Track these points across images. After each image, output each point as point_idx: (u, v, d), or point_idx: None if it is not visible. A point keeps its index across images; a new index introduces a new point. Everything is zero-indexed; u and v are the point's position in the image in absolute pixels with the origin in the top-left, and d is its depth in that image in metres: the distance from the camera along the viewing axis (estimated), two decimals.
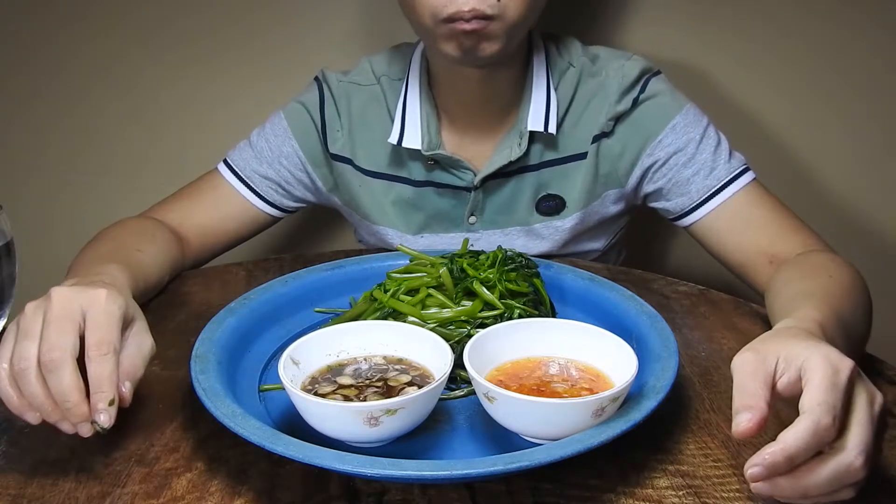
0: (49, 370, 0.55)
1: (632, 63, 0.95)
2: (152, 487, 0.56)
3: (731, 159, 0.92)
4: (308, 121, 1.00)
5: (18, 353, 0.56)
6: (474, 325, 0.70)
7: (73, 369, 0.56)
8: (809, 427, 0.48)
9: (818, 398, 0.50)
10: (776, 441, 0.49)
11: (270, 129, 1.00)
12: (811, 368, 0.51)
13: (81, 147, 1.33)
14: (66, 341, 0.56)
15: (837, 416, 0.49)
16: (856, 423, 0.50)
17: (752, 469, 0.49)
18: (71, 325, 0.57)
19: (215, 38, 1.27)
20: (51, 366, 0.55)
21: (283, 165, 1.00)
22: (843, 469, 0.49)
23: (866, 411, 0.51)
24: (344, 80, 1.00)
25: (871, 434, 0.50)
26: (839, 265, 0.80)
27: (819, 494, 0.50)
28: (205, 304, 0.84)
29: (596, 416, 0.55)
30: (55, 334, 0.57)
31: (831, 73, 1.23)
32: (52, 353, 0.56)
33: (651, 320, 0.71)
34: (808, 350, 0.53)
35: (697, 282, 0.91)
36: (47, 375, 0.56)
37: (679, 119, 0.93)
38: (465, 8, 0.80)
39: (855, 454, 0.49)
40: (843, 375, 0.51)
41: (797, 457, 0.49)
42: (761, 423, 0.50)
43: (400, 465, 0.51)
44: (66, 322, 0.57)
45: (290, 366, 0.62)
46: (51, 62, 1.28)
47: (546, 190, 0.98)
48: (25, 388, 0.56)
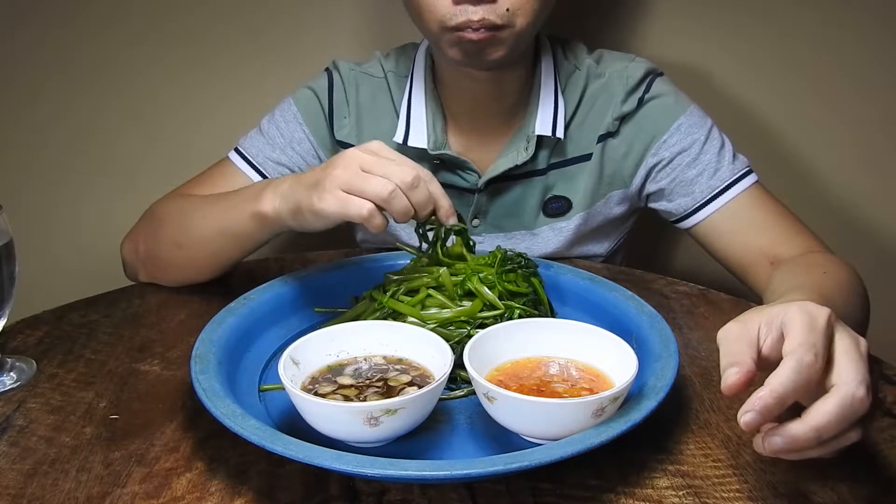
0: (413, 187, 0.69)
1: (636, 64, 0.96)
2: (152, 487, 0.56)
3: (734, 161, 0.93)
4: (316, 105, 0.99)
5: (378, 188, 0.68)
6: (474, 326, 0.70)
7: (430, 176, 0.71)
8: (792, 366, 0.49)
9: (798, 340, 0.50)
10: (763, 386, 0.49)
11: (280, 115, 1.00)
12: (789, 321, 0.52)
13: (81, 147, 1.33)
14: (408, 160, 0.71)
15: (819, 353, 0.50)
16: (846, 358, 0.51)
17: (746, 416, 0.49)
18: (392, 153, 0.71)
19: (215, 38, 1.27)
20: (415, 182, 0.69)
21: (294, 151, 0.99)
22: (847, 402, 0.48)
23: (853, 348, 0.51)
24: (355, 69, 1.00)
25: (864, 367, 0.50)
26: (835, 264, 0.80)
27: (831, 436, 0.49)
28: (205, 304, 0.84)
29: (596, 416, 0.55)
30: (403, 163, 0.70)
31: (835, 76, 1.23)
32: (413, 172, 0.69)
33: (651, 320, 0.71)
34: (786, 308, 0.53)
35: (697, 282, 0.91)
36: (411, 192, 0.69)
37: (684, 119, 0.93)
38: (474, 18, 0.80)
39: (855, 385, 0.49)
40: (820, 320, 0.52)
41: (786, 396, 0.49)
42: (748, 377, 0.50)
43: (400, 465, 0.51)
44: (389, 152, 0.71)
45: (290, 366, 0.62)
46: (50, 62, 1.28)
47: (552, 192, 0.98)
48: (396, 206, 0.69)
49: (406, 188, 0.69)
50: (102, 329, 0.81)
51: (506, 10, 0.81)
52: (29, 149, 1.34)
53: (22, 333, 0.79)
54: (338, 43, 1.26)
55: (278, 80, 1.02)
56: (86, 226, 1.34)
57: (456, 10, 0.81)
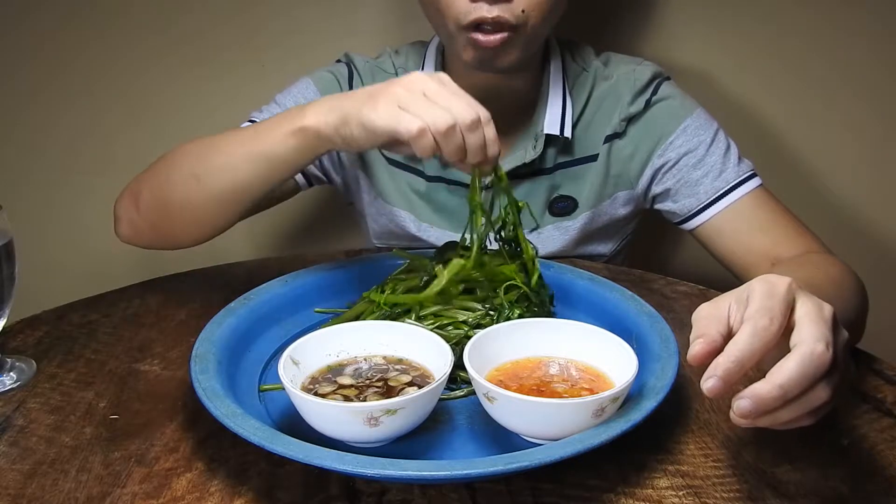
0: (472, 128, 0.65)
1: (643, 68, 0.97)
2: (152, 487, 0.56)
3: (739, 164, 0.93)
4: (337, 89, 0.99)
5: (437, 118, 0.65)
6: (473, 326, 0.70)
7: (488, 118, 0.67)
8: (748, 330, 0.50)
9: (755, 306, 0.51)
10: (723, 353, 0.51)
11: (298, 91, 0.99)
12: (751, 291, 0.53)
13: (81, 147, 1.33)
14: (471, 99, 0.67)
15: (776, 317, 0.51)
16: (806, 320, 0.51)
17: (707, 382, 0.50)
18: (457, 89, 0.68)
19: (215, 39, 1.27)
20: (474, 125, 0.65)
21: None
22: (807, 357, 0.49)
23: (815, 311, 0.52)
24: (370, 62, 1.01)
25: (825, 327, 0.51)
26: (833, 264, 0.80)
27: (797, 393, 0.50)
28: (205, 304, 0.84)
29: (596, 416, 0.55)
30: (465, 100, 0.66)
31: (838, 78, 1.23)
32: (474, 113, 0.66)
33: (651, 320, 0.71)
34: (750, 282, 0.54)
35: (697, 282, 0.91)
36: (468, 133, 0.66)
37: (690, 121, 0.94)
38: (488, 15, 0.81)
39: (814, 341, 0.50)
40: (779, 287, 0.53)
41: (743, 359, 0.50)
42: (712, 346, 0.51)
43: (400, 465, 0.51)
44: (456, 88, 0.68)
45: (290, 366, 0.62)
46: (51, 62, 1.28)
47: (559, 192, 0.98)
48: (450, 144, 0.66)
49: (465, 128, 0.66)
50: (102, 329, 0.81)
51: (521, 11, 0.81)
52: (29, 149, 1.34)
53: (22, 333, 0.79)
54: (339, 44, 1.26)
55: (279, 81, 1.02)
56: (86, 226, 1.33)
57: (471, 7, 0.81)
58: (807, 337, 0.50)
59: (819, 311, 0.52)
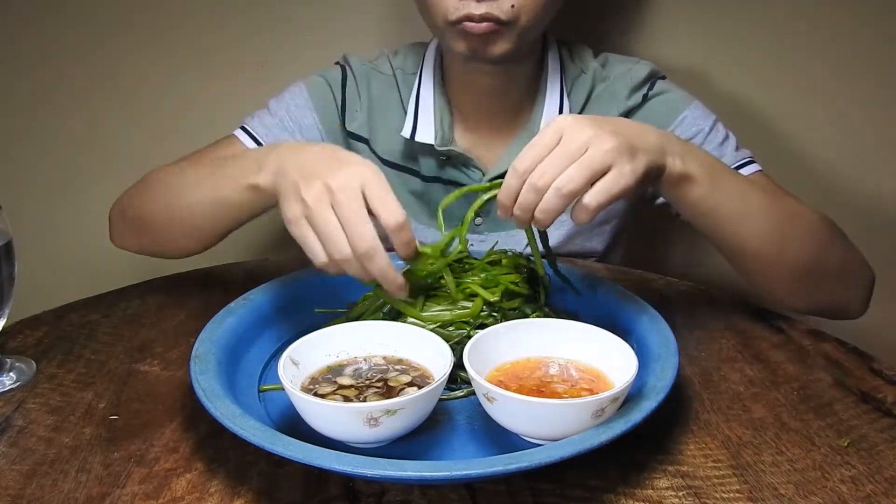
0: (367, 258, 0.64)
1: (640, 66, 0.97)
2: (152, 488, 0.56)
3: (737, 151, 0.93)
4: (328, 94, 1.00)
5: (335, 248, 0.64)
6: (474, 326, 0.70)
7: (384, 253, 0.64)
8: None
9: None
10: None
11: (290, 98, 0.99)
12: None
13: (82, 147, 1.33)
14: (369, 229, 0.63)
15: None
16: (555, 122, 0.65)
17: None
18: (363, 210, 0.64)
19: (216, 41, 1.27)
20: (368, 254, 0.63)
21: (303, 135, 0.99)
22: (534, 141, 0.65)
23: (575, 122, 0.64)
24: (367, 64, 1.01)
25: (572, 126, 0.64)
26: (805, 206, 0.82)
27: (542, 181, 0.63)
28: (205, 304, 0.84)
29: (596, 416, 0.55)
30: (360, 225, 0.63)
31: (836, 79, 1.23)
32: (365, 244, 0.63)
33: (651, 320, 0.70)
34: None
35: (697, 282, 0.91)
36: (366, 263, 0.64)
37: (688, 113, 0.95)
38: (476, 12, 0.82)
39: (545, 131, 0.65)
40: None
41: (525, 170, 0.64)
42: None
43: (400, 465, 0.51)
44: (360, 209, 0.64)
45: (290, 366, 0.62)
46: (51, 64, 1.28)
47: None
48: (350, 268, 0.65)
49: (362, 258, 0.64)
50: (102, 329, 0.81)
51: (510, 7, 0.82)
52: (29, 149, 1.34)
53: (22, 333, 0.79)
54: (338, 43, 1.26)
55: (279, 82, 1.02)
56: (86, 226, 1.33)
57: (459, 4, 0.82)
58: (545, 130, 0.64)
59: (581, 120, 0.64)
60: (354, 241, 0.63)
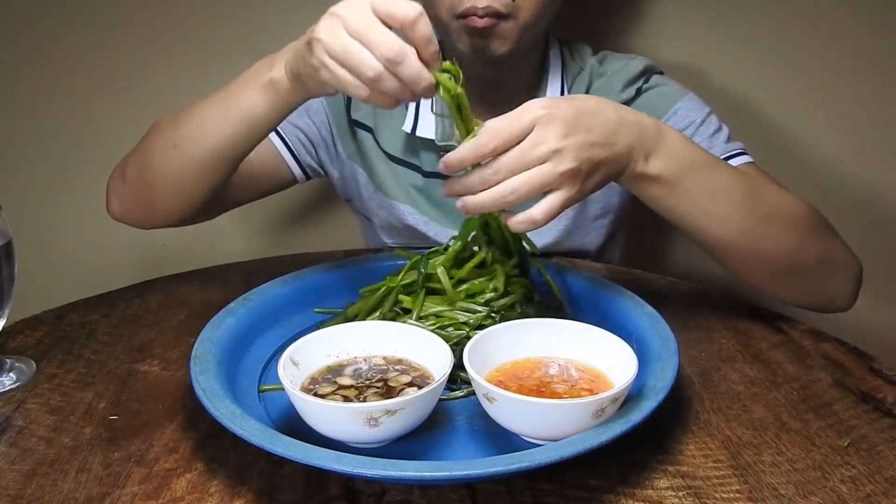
0: (398, 63, 0.61)
1: (636, 61, 0.99)
2: (152, 488, 0.56)
3: (728, 143, 0.93)
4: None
5: (365, 66, 0.61)
6: (473, 327, 0.70)
7: (412, 51, 0.62)
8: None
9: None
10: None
11: None
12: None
13: (82, 147, 1.33)
14: (390, 34, 0.61)
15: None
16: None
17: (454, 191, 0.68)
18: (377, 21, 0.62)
19: (218, 41, 1.27)
20: (398, 57, 0.61)
21: (311, 119, 1.00)
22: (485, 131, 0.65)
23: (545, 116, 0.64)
24: None
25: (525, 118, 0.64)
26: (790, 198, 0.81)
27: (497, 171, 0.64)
28: (205, 304, 0.84)
29: (596, 416, 0.55)
30: (378, 33, 0.61)
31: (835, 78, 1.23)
32: (390, 48, 0.61)
33: (651, 320, 0.70)
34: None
35: (697, 282, 0.91)
36: (399, 69, 0.61)
37: (682, 104, 0.95)
38: (479, 4, 0.83)
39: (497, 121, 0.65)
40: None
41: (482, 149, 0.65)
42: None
43: (400, 465, 0.51)
44: (373, 20, 0.62)
45: (290, 366, 0.62)
46: (51, 64, 1.28)
47: None
48: (386, 86, 0.62)
49: (391, 66, 0.62)
50: (102, 329, 0.81)
51: (511, 0, 0.84)
52: (29, 149, 1.33)
53: (21, 333, 0.79)
54: None
55: None
56: (86, 226, 1.33)
57: None
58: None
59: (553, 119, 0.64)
60: (380, 50, 0.61)
